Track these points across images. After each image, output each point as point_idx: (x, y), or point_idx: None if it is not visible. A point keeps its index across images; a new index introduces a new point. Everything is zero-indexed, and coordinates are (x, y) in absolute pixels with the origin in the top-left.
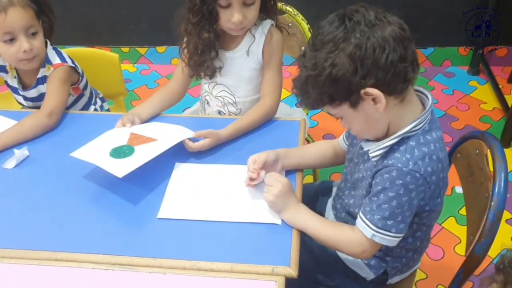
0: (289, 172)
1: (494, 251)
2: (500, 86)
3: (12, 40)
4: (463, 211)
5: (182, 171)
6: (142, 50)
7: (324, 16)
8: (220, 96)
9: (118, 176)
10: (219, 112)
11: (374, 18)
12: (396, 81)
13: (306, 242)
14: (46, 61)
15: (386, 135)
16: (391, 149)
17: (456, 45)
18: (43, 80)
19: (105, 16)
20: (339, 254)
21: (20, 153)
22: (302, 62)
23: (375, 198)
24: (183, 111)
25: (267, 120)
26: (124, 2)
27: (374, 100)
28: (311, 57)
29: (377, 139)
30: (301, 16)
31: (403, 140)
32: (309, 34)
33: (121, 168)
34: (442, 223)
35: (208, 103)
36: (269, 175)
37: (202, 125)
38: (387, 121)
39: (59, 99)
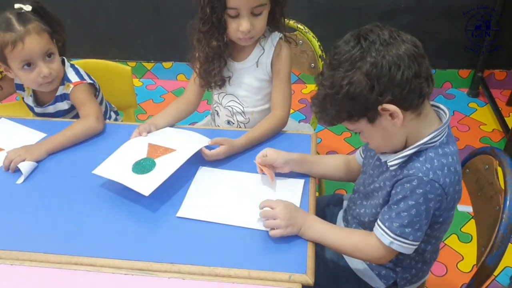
0: (302, 183)
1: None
2: (500, 109)
3: (30, 66)
4: (465, 229)
5: (205, 175)
6: (148, 65)
7: (329, 35)
8: (229, 106)
9: (144, 194)
10: (228, 122)
11: (388, 37)
12: (412, 96)
13: (318, 252)
14: (64, 79)
15: (404, 148)
16: (410, 159)
17: (456, 68)
18: (62, 97)
19: (113, 30)
20: (350, 264)
21: (25, 165)
22: (320, 81)
23: (395, 206)
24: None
25: (279, 131)
26: (132, 17)
27: (391, 115)
28: (329, 76)
29: (395, 152)
30: (311, 33)
31: (422, 151)
32: (319, 51)
33: (146, 185)
34: (445, 240)
35: (217, 113)
36: (263, 212)
37: (213, 136)
38: (404, 135)
39: (96, 106)
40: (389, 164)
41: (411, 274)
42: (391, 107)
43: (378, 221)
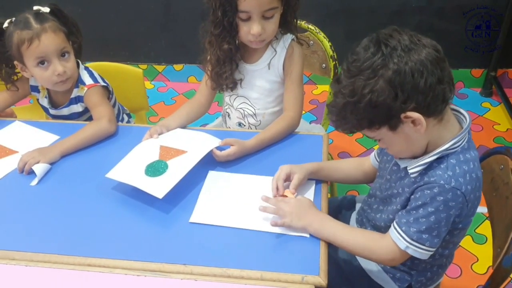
0: (313, 184)
1: None
2: None
3: (46, 64)
4: (479, 230)
5: (215, 179)
6: (159, 68)
7: (339, 35)
8: (240, 108)
9: (158, 197)
10: (239, 124)
11: (409, 42)
12: (436, 103)
13: (331, 254)
14: (79, 82)
15: (424, 153)
16: (431, 166)
17: (469, 67)
18: (76, 100)
19: (124, 33)
20: (364, 267)
21: (39, 167)
22: (338, 88)
23: (414, 212)
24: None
25: (291, 132)
26: (143, 20)
27: (413, 122)
28: (348, 84)
29: (414, 157)
30: (322, 34)
31: (443, 157)
32: (330, 52)
33: (160, 188)
34: None
35: (229, 115)
36: (276, 201)
37: (224, 138)
38: (426, 141)
39: (109, 108)
40: (410, 171)
41: (426, 278)
42: (415, 115)
43: (395, 223)
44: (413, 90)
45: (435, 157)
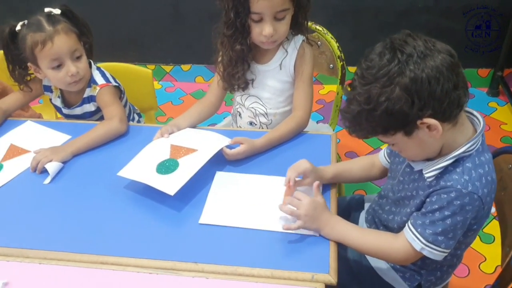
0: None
1: None
2: None
3: (59, 66)
4: (487, 229)
5: (223, 180)
6: (167, 68)
7: (346, 36)
8: (252, 108)
9: (170, 194)
10: (251, 123)
11: (424, 48)
12: (451, 108)
13: (341, 253)
14: (91, 81)
15: (438, 156)
16: (447, 169)
17: (475, 67)
18: (89, 99)
19: (132, 34)
20: (374, 266)
21: (51, 166)
22: (353, 95)
23: (430, 214)
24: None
25: (299, 132)
26: (151, 21)
27: (429, 127)
28: (364, 91)
29: (428, 159)
30: (330, 34)
31: (458, 161)
32: (337, 52)
33: (171, 185)
34: None
35: (240, 115)
36: (291, 200)
37: (234, 137)
38: (440, 144)
39: (120, 108)
40: (426, 175)
41: (435, 277)
42: (431, 121)
43: (410, 225)
44: (430, 97)
45: (451, 161)
